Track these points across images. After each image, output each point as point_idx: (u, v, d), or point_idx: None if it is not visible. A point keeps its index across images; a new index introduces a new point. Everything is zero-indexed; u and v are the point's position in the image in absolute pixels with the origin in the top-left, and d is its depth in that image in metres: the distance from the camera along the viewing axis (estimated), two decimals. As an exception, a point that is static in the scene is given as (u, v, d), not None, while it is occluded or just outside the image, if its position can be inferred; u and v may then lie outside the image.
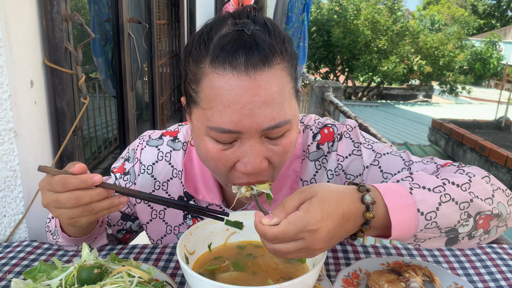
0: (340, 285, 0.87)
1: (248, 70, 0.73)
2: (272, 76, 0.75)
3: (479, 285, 0.92)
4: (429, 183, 0.76)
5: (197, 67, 0.78)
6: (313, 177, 1.00)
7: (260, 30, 0.77)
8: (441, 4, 27.38)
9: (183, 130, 1.06)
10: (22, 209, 1.13)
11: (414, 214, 0.72)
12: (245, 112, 0.74)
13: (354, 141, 0.99)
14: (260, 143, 0.79)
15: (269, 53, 0.75)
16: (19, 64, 1.08)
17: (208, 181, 0.99)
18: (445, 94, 20.36)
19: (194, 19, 4.94)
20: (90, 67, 1.99)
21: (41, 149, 1.21)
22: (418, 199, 0.73)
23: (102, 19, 1.95)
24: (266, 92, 0.75)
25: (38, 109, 1.19)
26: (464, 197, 0.76)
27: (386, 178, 0.94)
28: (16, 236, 1.14)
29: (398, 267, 0.92)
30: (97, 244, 1.06)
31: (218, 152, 0.80)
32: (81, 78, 1.25)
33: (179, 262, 0.75)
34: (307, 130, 1.02)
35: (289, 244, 0.68)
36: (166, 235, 1.08)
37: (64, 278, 0.79)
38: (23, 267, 0.98)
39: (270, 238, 0.68)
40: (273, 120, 0.76)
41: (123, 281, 0.79)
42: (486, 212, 0.77)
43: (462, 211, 0.75)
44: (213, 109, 0.76)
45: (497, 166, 7.55)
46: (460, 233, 0.77)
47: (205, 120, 0.78)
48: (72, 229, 0.95)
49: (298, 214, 0.67)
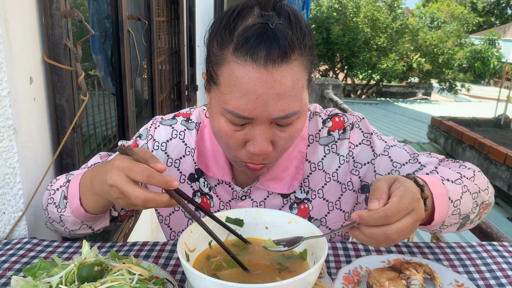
0: (340, 282, 0.87)
1: (267, 64, 0.79)
2: (289, 71, 0.81)
3: (480, 282, 0.92)
4: (451, 176, 0.87)
5: (220, 52, 0.84)
6: (321, 161, 1.06)
7: (283, 24, 0.82)
8: (440, 2, 27.35)
9: (195, 112, 1.12)
10: (22, 206, 1.12)
11: (446, 201, 0.83)
12: (259, 102, 0.81)
13: (364, 131, 1.06)
14: (269, 128, 0.86)
15: (288, 49, 0.80)
16: (18, 60, 1.08)
17: (219, 159, 1.04)
18: (444, 92, 20.37)
19: (194, 16, 4.93)
20: (89, 64, 1.98)
21: (41, 146, 1.21)
22: (449, 188, 0.84)
23: (102, 16, 1.94)
24: (281, 86, 0.81)
25: (37, 106, 1.18)
26: (474, 188, 0.89)
27: (396, 167, 1.02)
28: (15, 234, 1.14)
29: (399, 264, 0.92)
30: (99, 225, 1.03)
31: (230, 131, 0.87)
32: (81, 75, 1.24)
33: (180, 259, 0.75)
34: (315, 116, 1.09)
35: (407, 219, 0.73)
36: (174, 211, 1.12)
37: (64, 275, 0.79)
38: (23, 264, 0.97)
39: (392, 213, 0.72)
40: (283, 111, 0.83)
41: (124, 278, 0.79)
42: (486, 202, 0.93)
43: (474, 201, 0.88)
44: (231, 94, 0.83)
45: (496, 163, 7.56)
46: (469, 219, 0.90)
47: (222, 102, 0.85)
48: (97, 206, 0.92)
49: (401, 189, 0.74)
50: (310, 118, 1.08)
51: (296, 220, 0.92)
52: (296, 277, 0.69)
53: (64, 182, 1.00)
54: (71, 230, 1.01)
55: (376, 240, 0.75)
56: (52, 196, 1.00)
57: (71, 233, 1.03)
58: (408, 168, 1.02)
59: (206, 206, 1.09)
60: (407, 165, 1.02)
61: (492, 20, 31.77)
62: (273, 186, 1.04)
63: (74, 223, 0.98)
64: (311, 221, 1.07)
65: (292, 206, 1.07)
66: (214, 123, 0.90)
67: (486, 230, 1.45)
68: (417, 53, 18.46)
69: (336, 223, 1.09)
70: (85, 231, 1.02)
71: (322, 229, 1.09)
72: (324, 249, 0.79)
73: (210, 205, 1.09)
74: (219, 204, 1.09)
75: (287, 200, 1.07)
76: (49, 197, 1.01)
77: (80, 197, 0.93)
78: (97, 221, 1.01)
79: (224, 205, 1.09)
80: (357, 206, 1.10)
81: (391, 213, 0.72)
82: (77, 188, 0.93)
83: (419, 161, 1.02)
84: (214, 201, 1.09)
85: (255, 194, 1.06)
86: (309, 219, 1.07)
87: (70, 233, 1.04)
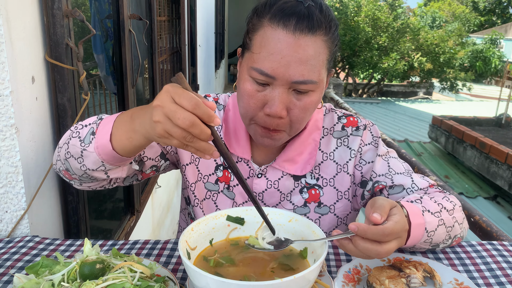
0: (341, 281, 0.87)
1: (295, 31, 0.92)
2: (313, 42, 0.94)
3: (480, 281, 0.92)
4: (432, 208, 0.95)
5: (258, 20, 0.98)
6: (333, 151, 1.15)
7: (314, 6, 0.96)
8: (441, 1, 27.30)
9: (221, 96, 1.21)
10: (24, 205, 1.13)
11: (422, 231, 0.91)
12: (283, 63, 0.92)
13: (373, 135, 1.17)
14: (286, 93, 0.96)
15: (316, 24, 0.94)
16: (20, 60, 1.08)
17: (240, 139, 1.13)
18: (446, 91, 20.31)
19: (195, 16, 4.93)
20: (91, 63, 1.98)
21: (42, 145, 1.22)
22: (427, 220, 0.92)
23: (103, 16, 1.94)
24: (304, 52, 0.93)
25: (39, 105, 1.19)
26: (450, 222, 0.98)
27: (390, 173, 1.11)
28: (18, 232, 1.15)
29: (399, 263, 0.92)
30: (116, 174, 0.99)
31: (253, 91, 0.97)
32: (82, 75, 1.25)
33: (181, 257, 0.76)
34: (331, 112, 1.19)
35: (394, 243, 0.81)
36: (197, 181, 1.17)
37: (66, 273, 0.80)
38: (25, 262, 0.98)
39: (387, 234, 0.79)
40: (302, 76, 0.94)
41: (125, 276, 0.79)
42: (458, 236, 1.03)
43: (447, 233, 0.98)
44: (260, 54, 0.94)
45: (497, 163, 7.55)
46: (438, 247, 1.01)
47: (251, 61, 0.97)
48: (128, 145, 0.87)
49: (397, 217, 0.82)
50: (325, 113, 1.18)
51: (296, 219, 0.92)
52: (296, 274, 0.69)
53: (95, 120, 0.96)
54: (88, 168, 0.94)
55: (364, 254, 0.81)
56: (78, 130, 0.96)
57: (86, 173, 0.96)
58: (401, 178, 1.10)
59: (227, 179, 1.15)
60: (400, 175, 1.11)
61: (493, 20, 31.70)
62: (288, 167, 1.12)
63: (94, 161, 0.92)
64: (321, 206, 1.14)
65: (302, 190, 1.14)
66: (240, 85, 1.00)
67: (486, 228, 1.45)
68: (418, 52, 18.41)
69: (343, 212, 1.16)
70: (100, 175, 0.97)
71: (330, 216, 1.14)
72: (324, 247, 0.79)
73: (230, 179, 1.15)
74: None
75: (298, 183, 1.14)
76: (74, 132, 0.97)
77: (112, 133, 0.89)
78: (116, 166, 0.96)
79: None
80: (354, 199, 1.17)
81: (387, 233, 0.79)
82: (111, 125, 0.90)
83: (412, 177, 1.11)
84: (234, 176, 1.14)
85: (270, 173, 1.13)
86: (319, 204, 1.14)
87: (85, 172, 0.96)
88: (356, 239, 0.80)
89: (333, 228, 1.15)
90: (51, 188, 1.29)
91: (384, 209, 0.82)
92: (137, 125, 0.84)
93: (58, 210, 1.34)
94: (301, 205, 1.13)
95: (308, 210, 1.13)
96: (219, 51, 8.94)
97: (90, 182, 1.03)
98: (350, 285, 0.87)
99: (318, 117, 1.15)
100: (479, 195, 7.45)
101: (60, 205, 1.35)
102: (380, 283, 0.85)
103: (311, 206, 1.13)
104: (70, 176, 1.02)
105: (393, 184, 1.09)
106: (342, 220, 1.16)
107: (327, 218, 1.14)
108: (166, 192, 3.47)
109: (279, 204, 1.14)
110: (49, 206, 1.28)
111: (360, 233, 0.79)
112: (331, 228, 1.15)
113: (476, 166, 8.31)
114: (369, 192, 1.13)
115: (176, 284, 0.84)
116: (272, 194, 1.13)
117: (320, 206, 1.14)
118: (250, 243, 0.86)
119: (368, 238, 0.79)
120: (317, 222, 1.13)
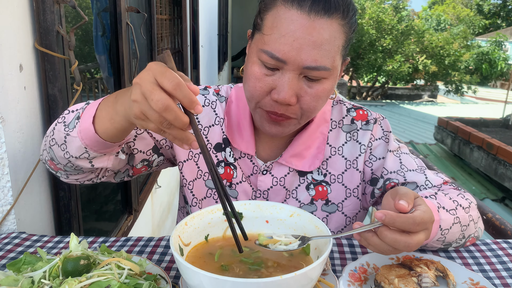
0: (346, 280, 0.81)
1: (310, 12, 0.85)
2: (329, 25, 0.86)
3: (496, 281, 0.86)
4: (447, 205, 0.89)
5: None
6: (342, 146, 1.09)
7: None
8: (446, 4, 27.25)
9: (223, 88, 1.15)
10: (11, 199, 1.07)
11: (436, 228, 0.85)
12: (295, 46, 0.85)
13: (384, 129, 1.10)
14: (297, 79, 0.89)
15: (333, 6, 0.86)
16: (6, 47, 1.03)
17: (244, 132, 1.06)
18: (451, 94, 20.22)
19: (197, 16, 4.89)
20: (93, 64, 1.93)
21: (31, 136, 1.16)
22: (442, 217, 0.86)
23: (102, 8, 1.89)
24: (318, 35, 0.85)
25: (27, 95, 1.13)
26: (466, 220, 0.91)
27: (402, 169, 1.05)
28: (4, 228, 1.09)
29: (409, 261, 0.86)
30: (101, 163, 0.92)
31: (261, 75, 0.90)
32: (74, 64, 1.19)
33: (173, 253, 0.70)
34: (340, 104, 1.13)
35: (422, 234, 0.73)
36: (196, 178, 1.10)
37: (48, 269, 0.74)
38: (9, 259, 0.92)
39: (417, 222, 0.71)
40: (315, 62, 0.87)
41: (112, 273, 0.73)
42: (472, 235, 0.96)
43: (462, 232, 0.91)
44: (271, 36, 0.87)
45: (505, 164, 7.44)
46: (451, 246, 0.94)
47: (260, 43, 0.90)
48: (110, 128, 0.81)
49: (424, 207, 0.74)
50: (333, 105, 1.12)
51: (298, 213, 0.86)
52: (297, 271, 0.63)
53: (83, 106, 0.90)
54: (71, 155, 0.88)
55: (391, 247, 0.73)
56: (65, 115, 0.90)
57: (70, 161, 0.90)
58: (414, 175, 1.04)
59: (229, 177, 1.08)
60: (413, 172, 1.05)
61: (498, 22, 31.58)
62: (295, 163, 1.05)
63: (77, 147, 0.86)
64: (329, 204, 1.08)
65: (309, 187, 1.08)
66: (248, 68, 0.94)
67: (500, 226, 1.38)
68: (423, 55, 18.35)
69: (352, 210, 1.09)
70: (84, 164, 0.90)
71: (338, 214, 1.08)
72: (328, 243, 0.73)
73: (233, 176, 1.08)
74: (242, 176, 1.08)
75: (303, 179, 1.08)
76: (60, 118, 0.91)
77: (95, 115, 0.83)
78: (101, 154, 0.89)
79: (246, 178, 1.08)
80: (363, 197, 1.10)
81: (418, 221, 0.72)
82: (95, 107, 0.84)
83: (425, 174, 1.05)
84: (237, 172, 1.08)
85: (276, 170, 1.07)
86: (327, 202, 1.08)
87: (69, 161, 0.90)
88: (383, 230, 0.72)
89: (341, 228, 1.08)
90: (41, 183, 1.23)
91: (410, 197, 0.75)
92: (119, 105, 0.78)
93: (48, 206, 1.28)
94: (307, 203, 1.07)
95: (315, 208, 1.07)
96: (222, 53, 8.90)
97: (76, 173, 0.97)
98: (356, 284, 0.81)
99: (325, 109, 1.09)
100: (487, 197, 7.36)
101: (51, 201, 1.29)
102: (389, 282, 0.78)
103: (318, 204, 1.07)
104: (55, 166, 0.96)
105: (406, 181, 1.03)
106: (350, 219, 1.09)
107: (334, 217, 1.08)
108: (167, 192, 3.41)
109: (284, 202, 1.08)
110: (39, 202, 1.22)
111: (388, 222, 0.71)
112: (338, 228, 1.08)
113: (483, 167, 8.21)
114: (380, 190, 1.06)
115: (168, 282, 0.78)
116: (277, 191, 1.07)
117: (327, 204, 1.07)
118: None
119: (396, 227, 0.71)
120: (324, 221, 1.07)
